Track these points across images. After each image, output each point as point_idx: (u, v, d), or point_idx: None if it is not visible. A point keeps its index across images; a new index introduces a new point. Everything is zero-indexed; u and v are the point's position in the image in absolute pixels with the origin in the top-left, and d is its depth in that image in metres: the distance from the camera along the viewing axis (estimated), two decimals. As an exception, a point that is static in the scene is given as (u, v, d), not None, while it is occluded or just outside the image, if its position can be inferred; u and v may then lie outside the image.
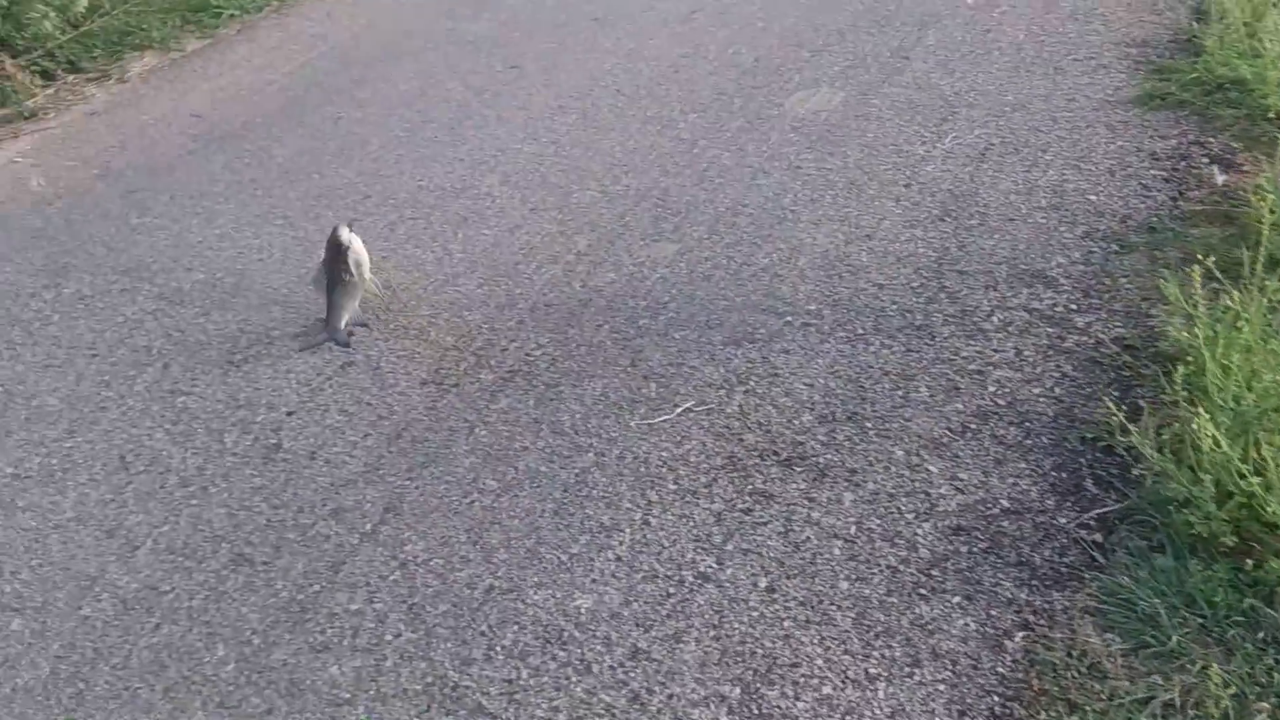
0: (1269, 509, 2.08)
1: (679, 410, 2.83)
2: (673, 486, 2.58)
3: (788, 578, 2.28)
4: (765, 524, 2.43)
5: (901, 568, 2.28)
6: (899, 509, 2.43)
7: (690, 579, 2.31)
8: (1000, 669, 2.05)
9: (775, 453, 2.64)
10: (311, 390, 3.10)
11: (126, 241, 4.08)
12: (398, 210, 4.10)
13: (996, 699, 1.99)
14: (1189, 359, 2.41)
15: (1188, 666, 1.95)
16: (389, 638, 2.26)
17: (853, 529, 2.39)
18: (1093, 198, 3.57)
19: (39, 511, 2.76)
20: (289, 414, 3.01)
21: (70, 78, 5.92)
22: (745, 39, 5.40)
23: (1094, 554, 2.27)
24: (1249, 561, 2.07)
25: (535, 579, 2.36)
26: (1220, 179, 3.53)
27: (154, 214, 4.29)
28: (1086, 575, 2.22)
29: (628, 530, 2.46)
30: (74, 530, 2.68)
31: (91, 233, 4.19)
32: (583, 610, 2.27)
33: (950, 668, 2.06)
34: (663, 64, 5.23)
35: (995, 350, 2.92)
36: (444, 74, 5.45)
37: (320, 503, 2.67)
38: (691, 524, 2.46)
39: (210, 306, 3.58)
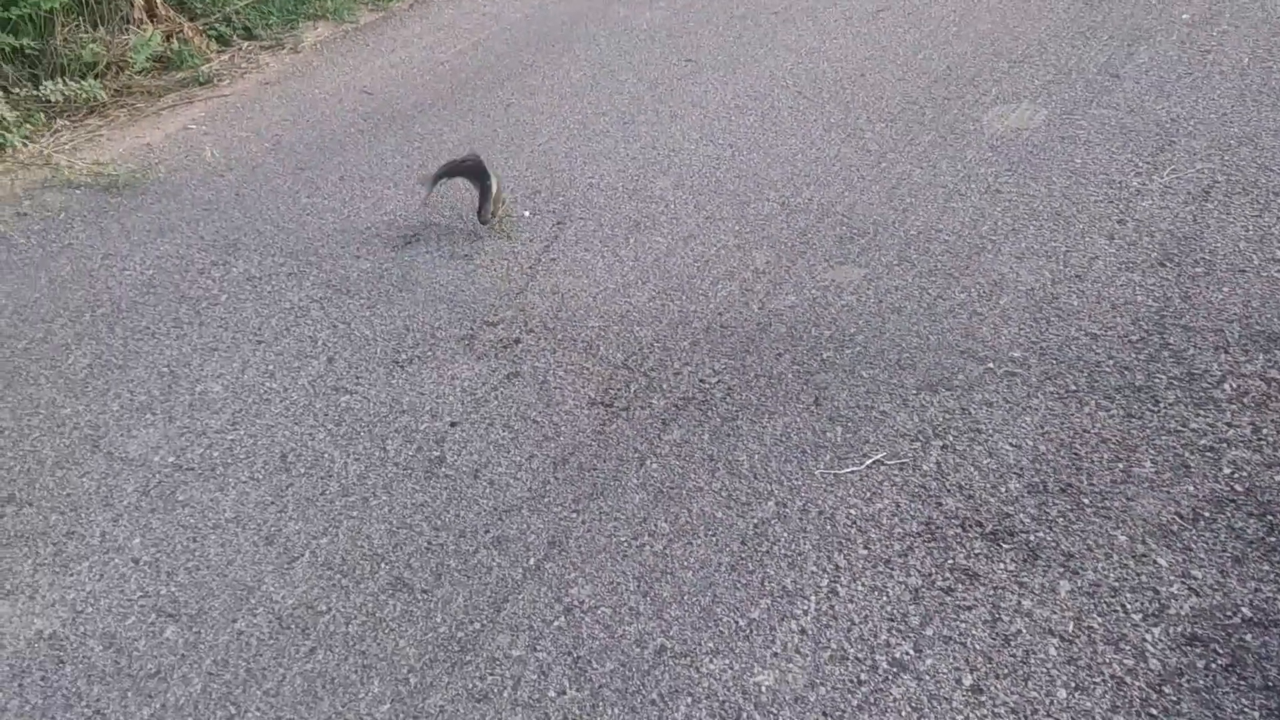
0: None
1: (869, 462, 2.61)
2: (863, 551, 2.35)
3: (996, 676, 2.04)
4: (969, 609, 2.19)
5: (1128, 679, 2.02)
6: (1123, 606, 2.16)
7: (884, 665, 2.09)
8: (1247, 818, 1.79)
9: (979, 523, 2.40)
10: (476, 401, 2.97)
11: (296, 222, 4.03)
12: (567, 208, 3.95)
13: None
14: None
15: None
16: (552, 694, 2.11)
17: (1070, 626, 2.13)
18: (1338, 252, 3.20)
19: (198, 508, 2.69)
20: (452, 424, 2.89)
21: (245, 44, 5.96)
22: (936, 43, 5.09)
23: (1355, 685, 1.97)
24: None
25: (710, 644, 2.18)
26: None
27: (323, 194, 4.24)
28: (1347, 711, 1.93)
29: (813, 598, 2.25)
30: (232, 533, 2.60)
31: (261, 209, 4.15)
32: (763, 688, 2.07)
33: (1188, 810, 1.81)
34: (847, 66, 4.96)
35: (1229, 425, 2.60)
36: (617, 64, 5.28)
37: (483, 528, 2.53)
38: (885, 599, 2.23)
39: (376, 299, 3.48)
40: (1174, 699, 1.97)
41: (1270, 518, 2.34)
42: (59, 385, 3.21)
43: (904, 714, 1.99)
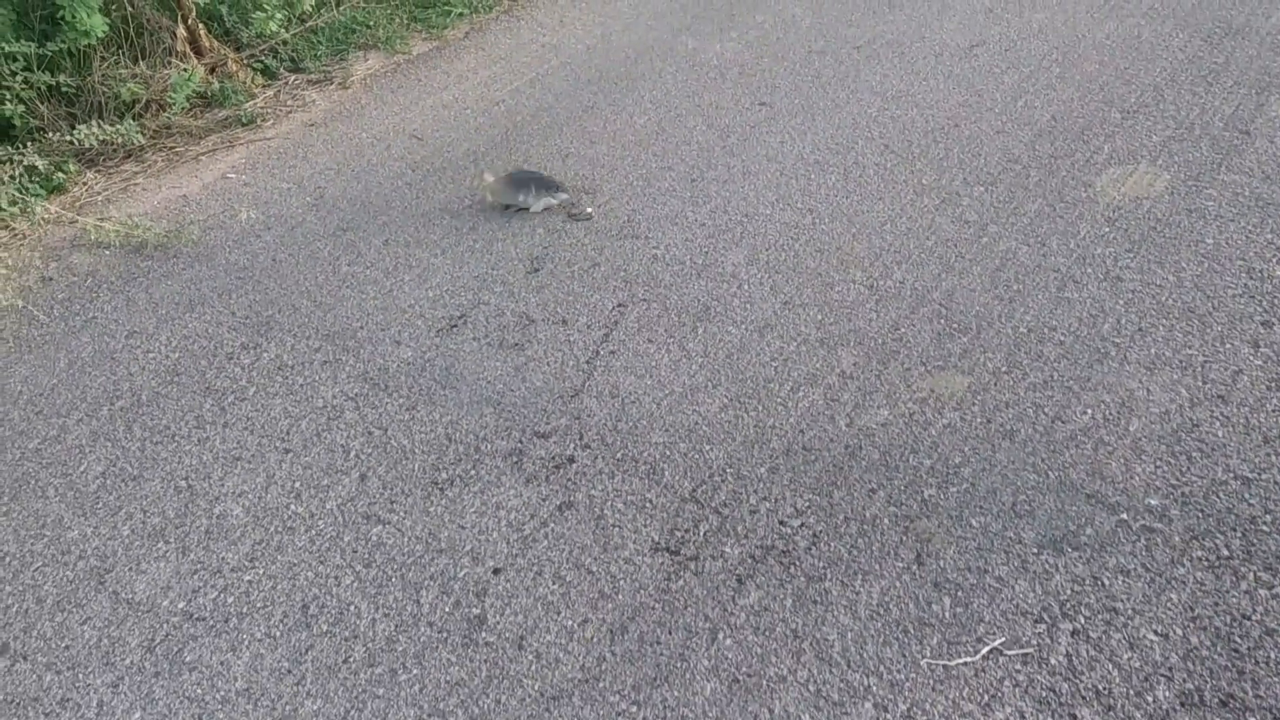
0: None
1: (985, 650, 2.20)
2: (982, 783, 1.95)
3: None
4: None
5: None
6: None
7: None
8: None
9: (1123, 749, 1.98)
10: (523, 540, 2.60)
11: (334, 296, 3.69)
12: (628, 287, 3.56)
13: None
14: None
15: None
16: None
17: None
18: None
19: (207, 675, 2.35)
20: (496, 571, 2.53)
21: (292, 78, 5.65)
22: (1038, 87, 4.62)
23: None
24: None
25: None
26: None
27: (365, 261, 3.90)
28: None
29: None
30: (243, 710, 2.26)
31: (299, 279, 3.83)
32: None
33: None
34: (938, 114, 4.51)
35: None
36: (684, 107, 4.88)
37: (527, 721, 2.17)
38: None
39: (416, 398, 3.13)
40: None
41: None
42: (68, 499, 2.91)
43: None
